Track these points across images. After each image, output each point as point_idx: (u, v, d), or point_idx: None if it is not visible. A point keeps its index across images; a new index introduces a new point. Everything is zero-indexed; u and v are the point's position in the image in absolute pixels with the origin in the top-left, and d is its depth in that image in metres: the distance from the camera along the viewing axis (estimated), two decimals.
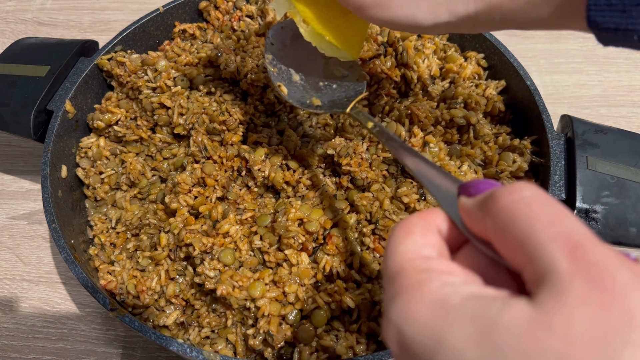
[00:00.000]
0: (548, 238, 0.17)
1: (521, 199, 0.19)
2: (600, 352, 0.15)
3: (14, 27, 0.81)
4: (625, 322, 0.15)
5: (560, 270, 0.16)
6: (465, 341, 0.17)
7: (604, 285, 0.16)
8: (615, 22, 0.26)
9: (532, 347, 0.15)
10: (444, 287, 0.19)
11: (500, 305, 0.17)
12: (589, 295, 0.16)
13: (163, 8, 0.62)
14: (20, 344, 0.52)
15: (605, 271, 0.16)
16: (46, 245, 0.59)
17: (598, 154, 0.47)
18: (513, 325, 0.16)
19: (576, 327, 0.15)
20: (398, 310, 0.19)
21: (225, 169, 0.51)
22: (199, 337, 0.44)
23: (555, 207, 0.18)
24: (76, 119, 0.55)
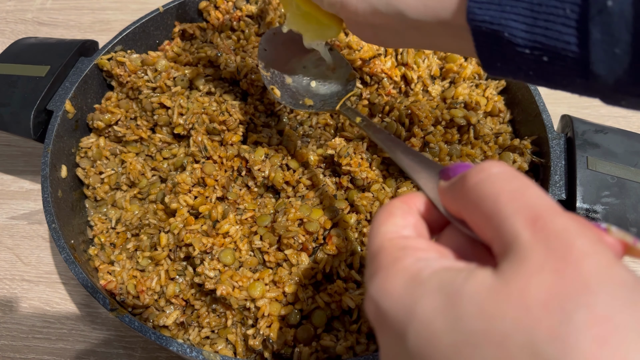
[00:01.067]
0: (511, 211, 0.18)
1: (488, 177, 0.20)
2: (553, 315, 0.15)
3: (14, 27, 0.81)
4: (578, 286, 0.15)
5: (521, 240, 0.17)
6: (432, 311, 0.18)
7: (561, 253, 0.16)
8: (490, 15, 0.26)
9: (491, 314, 0.16)
10: (417, 262, 0.20)
11: (466, 275, 0.18)
12: (546, 263, 0.16)
13: (163, 8, 0.62)
14: (20, 344, 0.52)
15: (564, 239, 0.16)
16: (46, 245, 0.59)
17: (598, 154, 0.47)
18: (475, 294, 0.17)
19: (531, 294, 0.16)
20: (376, 286, 0.20)
21: (225, 169, 0.51)
22: (198, 337, 0.44)
23: (520, 182, 0.19)
24: (76, 118, 0.55)
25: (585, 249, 0.16)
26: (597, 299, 0.15)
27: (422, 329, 0.18)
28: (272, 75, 0.45)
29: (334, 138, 0.54)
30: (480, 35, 0.27)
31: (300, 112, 0.56)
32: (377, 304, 0.20)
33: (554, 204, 0.18)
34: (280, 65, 0.46)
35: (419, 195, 0.24)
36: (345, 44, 0.56)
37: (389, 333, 0.20)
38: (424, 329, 0.18)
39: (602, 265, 0.16)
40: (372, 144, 0.52)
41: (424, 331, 0.18)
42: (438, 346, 0.17)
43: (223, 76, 0.57)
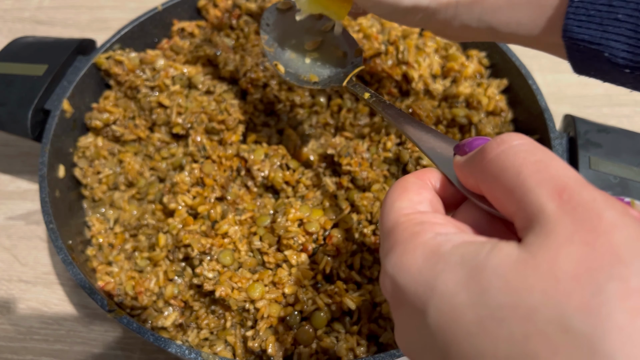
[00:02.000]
0: (535, 183, 0.17)
1: (510, 149, 0.19)
2: (584, 287, 0.14)
3: (11, 26, 0.81)
4: (609, 258, 0.15)
5: (547, 213, 0.17)
6: (454, 285, 0.17)
7: (590, 224, 0.16)
8: (590, 35, 0.26)
9: (518, 286, 0.16)
10: (436, 236, 0.19)
11: (490, 248, 0.17)
12: (575, 235, 0.16)
13: (162, 6, 0.61)
14: (18, 346, 0.52)
15: (592, 211, 0.16)
16: (44, 245, 0.59)
17: (601, 154, 0.47)
18: (500, 267, 0.16)
19: (561, 265, 0.15)
20: (393, 262, 0.20)
21: (224, 168, 0.51)
22: (197, 339, 0.44)
23: (543, 154, 0.18)
24: (74, 118, 0.55)
25: (614, 221, 0.16)
26: (630, 271, 0.14)
27: (444, 304, 0.17)
28: (276, 51, 0.44)
29: (334, 138, 0.53)
30: (576, 52, 0.28)
31: (299, 111, 0.55)
32: (395, 280, 0.19)
33: (579, 176, 0.17)
34: (284, 40, 0.44)
35: (433, 171, 0.24)
36: None
37: (407, 310, 0.19)
38: (446, 304, 0.17)
39: (632, 236, 0.15)
40: (372, 144, 0.51)
41: (446, 306, 0.17)
42: (461, 322, 0.16)
43: (222, 75, 0.56)
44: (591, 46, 0.26)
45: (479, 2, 0.32)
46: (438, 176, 0.23)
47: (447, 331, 0.17)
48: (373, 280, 0.45)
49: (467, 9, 0.32)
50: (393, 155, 0.50)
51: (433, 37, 0.59)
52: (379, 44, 0.56)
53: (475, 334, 0.16)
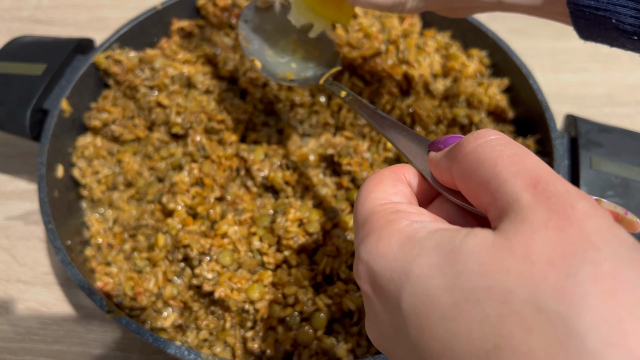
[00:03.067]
0: (511, 174, 0.18)
1: (486, 142, 0.19)
2: (559, 269, 0.15)
3: (10, 25, 0.80)
4: (582, 243, 0.15)
5: (523, 201, 0.17)
6: (430, 269, 0.17)
7: (564, 212, 0.16)
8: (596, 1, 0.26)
9: (493, 269, 0.16)
10: (412, 224, 0.20)
11: (465, 234, 0.18)
12: (549, 222, 0.16)
13: (161, 5, 0.61)
14: (17, 346, 0.51)
15: (566, 201, 0.17)
16: (42, 246, 0.58)
17: (602, 154, 0.47)
18: (475, 251, 0.17)
19: (536, 249, 0.16)
20: (368, 249, 0.20)
21: (223, 168, 0.50)
22: (197, 340, 0.44)
23: (518, 148, 0.19)
24: (72, 118, 0.55)
25: (587, 210, 0.16)
26: (602, 255, 0.15)
27: (418, 288, 0.17)
28: (252, 47, 0.44)
29: (334, 138, 0.53)
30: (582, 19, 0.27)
31: (300, 111, 0.55)
32: (369, 266, 0.19)
33: (553, 170, 0.18)
34: (262, 37, 0.45)
35: (407, 167, 0.24)
36: (346, 42, 0.55)
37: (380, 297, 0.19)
38: (420, 288, 0.17)
39: (604, 224, 0.16)
40: (372, 144, 0.51)
41: (420, 290, 0.17)
42: (435, 305, 0.17)
43: (222, 74, 0.56)
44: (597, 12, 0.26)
45: None
46: (412, 172, 0.24)
47: (422, 315, 0.17)
48: None
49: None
50: (393, 155, 0.50)
51: (433, 36, 0.59)
52: (379, 43, 0.56)
53: (450, 317, 0.16)
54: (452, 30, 0.61)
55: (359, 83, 0.56)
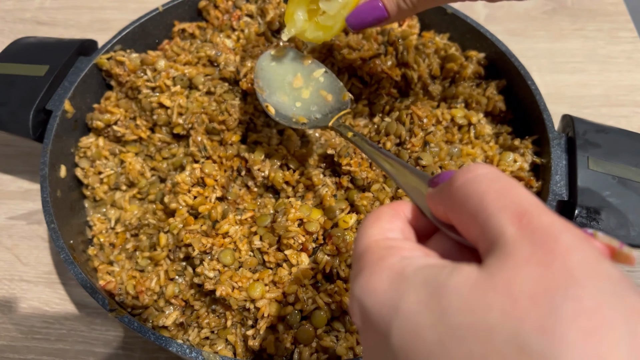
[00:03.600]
0: (497, 208, 0.18)
1: (475, 177, 0.20)
2: (540, 306, 0.15)
3: (13, 27, 0.81)
4: (565, 279, 0.15)
5: (507, 236, 0.17)
6: (417, 306, 0.17)
7: (547, 247, 0.16)
8: None
9: (476, 307, 0.16)
10: (402, 260, 0.20)
11: (450, 270, 0.18)
12: (533, 257, 0.16)
13: (162, 7, 0.61)
14: (19, 345, 0.52)
15: (550, 234, 0.16)
16: (45, 245, 0.59)
17: (599, 154, 0.47)
18: (459, 287, 0.17)
19: (518, 286, 0.16)
20: (360, 285, 0.20)
21: (224, 168, 0.51)
22: (198, 338, 0.44)
23: (506, 181, 0.19)
24: (75, 118, 0.55)
25: (570, 244, 0.16)
26: (585, 291, 0.15)
27: (406, 324, 0.17)
28: (268, 94, 0.47)
29: (334, 138, 0.53)
30: None
31: None
32: (361, 302, 0.20)
33: (539, 202, 0.18)
34: (276, 84, 0.47)
35: (406, 203, 0.25)
36: (346, 44, 0.56)
37: (372, 332, 0.19)
38: (408, 325, 0.17)
39: (587, 259, 0.16)
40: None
41: (408, 327, 0.17)
42: (422, 342, 0.17)
43: (223, 76, 0.57)
44: None
45: None
46: (411, 207, 0.24)
47: (409, 352, 0.17)
48: None
49: None
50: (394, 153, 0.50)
51: (432, 38, 0.59)
52: (379, 45, 0.57)
53: (436, 353, 0.16)
54: (451, 32, 0.61)
55: (358, 84, 0.57)
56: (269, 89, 0.47)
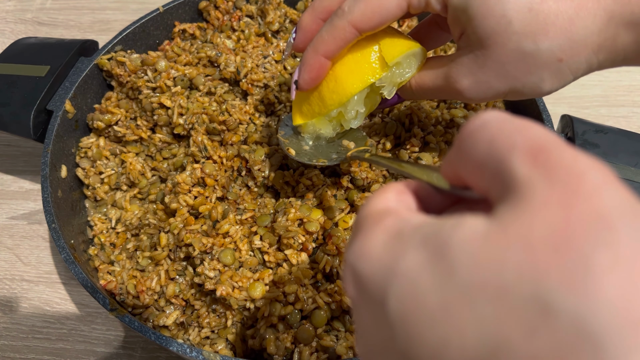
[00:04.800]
0: (508, 148, 0.15)
1: (482, 124, 0.17)
2: (565, 257, 0.12)
3: (14, 27, 0.81)
4: (594, 222, 0.13)
5: (520, 178, 0.14)
6: (417, 268, 0.15)
7: (570, 185, 0.13)
8: None
9: (487, 262, 0.13)
10: (399, 222, 0.17)
11: (453, 224, 0.15)
12: (552, 198, 0.13)
13: (163, 8, 0.62)
14: (20, 344, 0.52)
15: (572, 171, 0.14)
16: (46, 245, 0.59)
17: (598, 154, 0.47)
18: (465, 242, 0.14)
19: (537, 234, 0.13)
20: (353, 250, 0.18)
21: (225, 169, 0.51)
22: (198, 337, 0.44)
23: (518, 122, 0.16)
24: (76, 118, 0.55)
25: (599, 181, 0.13)
26: (620, 237, 0.12)
27: (404, 289, 0.15)
28: (290, 142, 0.47)
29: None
30: None
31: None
32: (354, 269, 0.18)
33: (558, 139, 0.15)
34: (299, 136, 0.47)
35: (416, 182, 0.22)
36: None
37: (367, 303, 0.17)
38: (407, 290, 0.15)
39: (620, 198, 0.13)
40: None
41: (407, 292, 0.15)
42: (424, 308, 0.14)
43: (223, 76, 0.57)
44: None
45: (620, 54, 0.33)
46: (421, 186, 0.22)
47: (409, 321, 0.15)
48: None
49: (609, 63, 0.34)
50: (392, 155, 0.50)
51: None
52: None
53: (440, 320, 0.14)
54: None
55: None
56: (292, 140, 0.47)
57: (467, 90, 0.36)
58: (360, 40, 0.37)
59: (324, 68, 0.38)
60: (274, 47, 0.59)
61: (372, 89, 0.41)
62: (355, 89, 0.38)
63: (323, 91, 0.39)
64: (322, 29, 0.36)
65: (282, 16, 0.62)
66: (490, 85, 0.35)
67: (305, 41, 0.39)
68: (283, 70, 0.57)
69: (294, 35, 0.40)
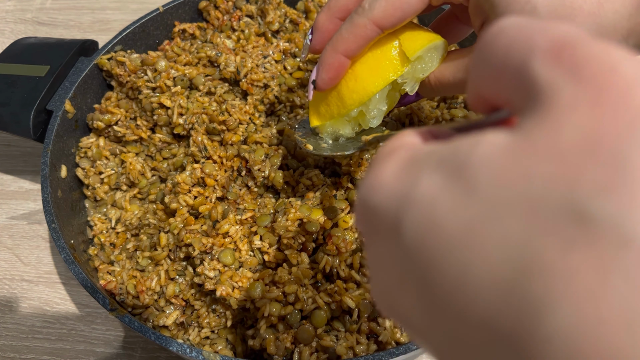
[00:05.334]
0: (527, 50, 0.13)
1: (500, 29, 0.15)
2: (601, 159, 0.11)
3: (14, 27, 0.81)
4: (631, 120, 0.11)
5: (542, 80, 0.13)
6: (433, 190, 0.14)
7: (600, 81, 0.12)
8: None
9: (513, 176, 0.12)
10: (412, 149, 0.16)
11: (472, 142, 0.14)
12: (581, 97, 0.12)
13: (163, 8, 0.62)
14: (20, 344, 0.52)
15: (602, 66, 0.12)
16: (46, 245, 0.59)
17: None
18: (487, 158, 0.13)
19: (565, 139, 0.12)
20: (364, 186, 0.17)
21: (225, 169, 0.51)
22: (198, 338, 0.44)
23: (539, 22, 0.14)
24: (76, 118, 0.55)
25: (634, 75, 0.12)
26: None
27: (421, 215, 0.14)
28: (307, 140, 0.45)
29: None
30: None
31: (300, 112, 0.56)
32: (366, 202, 0.16)
33: (585, 32, 0.13)
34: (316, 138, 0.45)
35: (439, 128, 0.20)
36: None
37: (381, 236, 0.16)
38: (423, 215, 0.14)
39: None
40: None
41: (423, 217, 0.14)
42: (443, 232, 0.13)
43: (223, 76, 0.57)
44: None
45: None
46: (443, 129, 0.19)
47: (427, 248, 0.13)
48: None
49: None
50: None
51: None
52: None
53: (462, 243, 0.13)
54: None
55: None
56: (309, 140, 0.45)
57: None
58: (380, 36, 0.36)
59: (344, 67, 0.36)
60: (274, 47, 0.59)
61: (393, 86, 0.39)
62: (376, 87, 0.37)
63: (342, 91, 0.38)
64: (342, 27, 0.35)
65: (282, 16, 0.62)
66: None
67: (323, 42, 0.38)
68: (283, 70, 0.57)
69: (310, 37, 0.38)
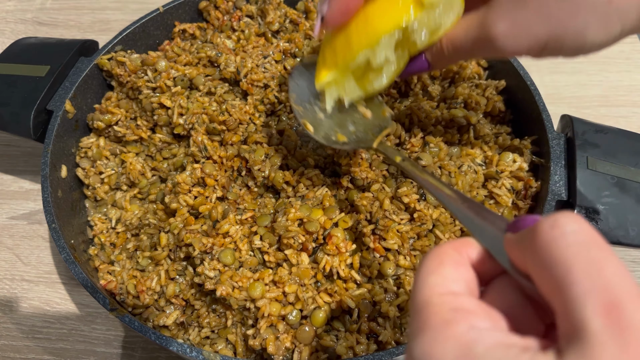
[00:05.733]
0: (585, 291, 0.16)
1: (562, 237, 0.18)
2: None
3: (14, 27, 0.81)
4: None
5: (592, 331, 0.15)
6: None
7: (638, 350, 0.15)
8: None
9: None
10: (470, 331, 0.18)
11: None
12: (618, 354, 0.15)
13: (163, 8, 0.62)
14: (20, 344, 0.52)
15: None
16: (46, 245, 0.59)
17: (598, 154, 0.47)
18: None
19: None
20: (421, 348, 0.19)
21: (225, 169, 0.51)
22: (199, 337, 0.44)
23: (598, 251, 0.17)
24: (76, 118, 0.55)
25: None
26: None
27: None
28: (304, 110, 0.43)
29: None
30: None
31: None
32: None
33: (634, 288, 0.16)
34: (312, 99, 0.43)
35: (472, 243, 0.22)
36: None
37: None
38: None
39: None
40: None
41: None
42: None
43: (223, 76, 0.57)
44: None
45: None
46: (477, 249, 0.22)
47: None
48: (372, 279, 0.45)
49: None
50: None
51: None
52: None
53: None
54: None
55: None
56: (305, 105, 0.43)
57: (503, 36, 0.32)
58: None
59: (355, 1, 0.34)
60: (274, 47, 0.59)
61: (404, 37, 0.36)
62: (387, 28, 0.34)
63: (351, 32, 0.35)
64: None
65: (282, 16, 0.62)
66: (529, 29, 0.31)
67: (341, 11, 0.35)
68: (283, 70, 0.57)
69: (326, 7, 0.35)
